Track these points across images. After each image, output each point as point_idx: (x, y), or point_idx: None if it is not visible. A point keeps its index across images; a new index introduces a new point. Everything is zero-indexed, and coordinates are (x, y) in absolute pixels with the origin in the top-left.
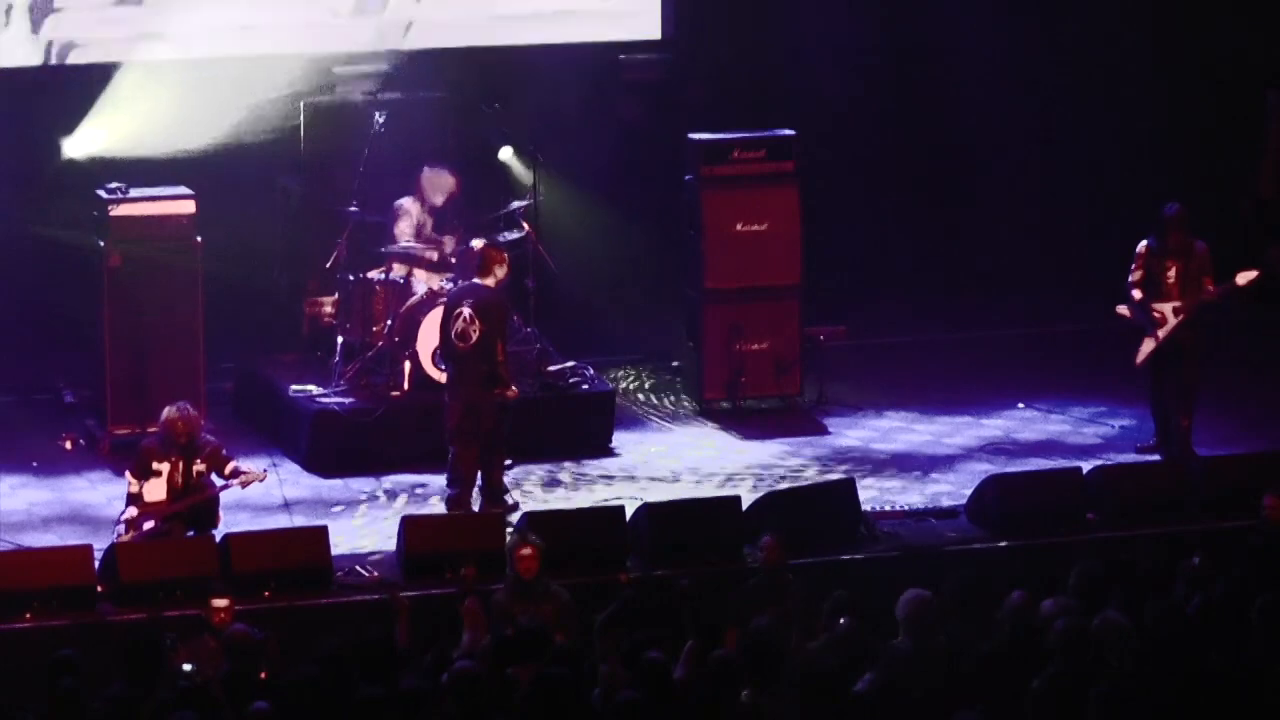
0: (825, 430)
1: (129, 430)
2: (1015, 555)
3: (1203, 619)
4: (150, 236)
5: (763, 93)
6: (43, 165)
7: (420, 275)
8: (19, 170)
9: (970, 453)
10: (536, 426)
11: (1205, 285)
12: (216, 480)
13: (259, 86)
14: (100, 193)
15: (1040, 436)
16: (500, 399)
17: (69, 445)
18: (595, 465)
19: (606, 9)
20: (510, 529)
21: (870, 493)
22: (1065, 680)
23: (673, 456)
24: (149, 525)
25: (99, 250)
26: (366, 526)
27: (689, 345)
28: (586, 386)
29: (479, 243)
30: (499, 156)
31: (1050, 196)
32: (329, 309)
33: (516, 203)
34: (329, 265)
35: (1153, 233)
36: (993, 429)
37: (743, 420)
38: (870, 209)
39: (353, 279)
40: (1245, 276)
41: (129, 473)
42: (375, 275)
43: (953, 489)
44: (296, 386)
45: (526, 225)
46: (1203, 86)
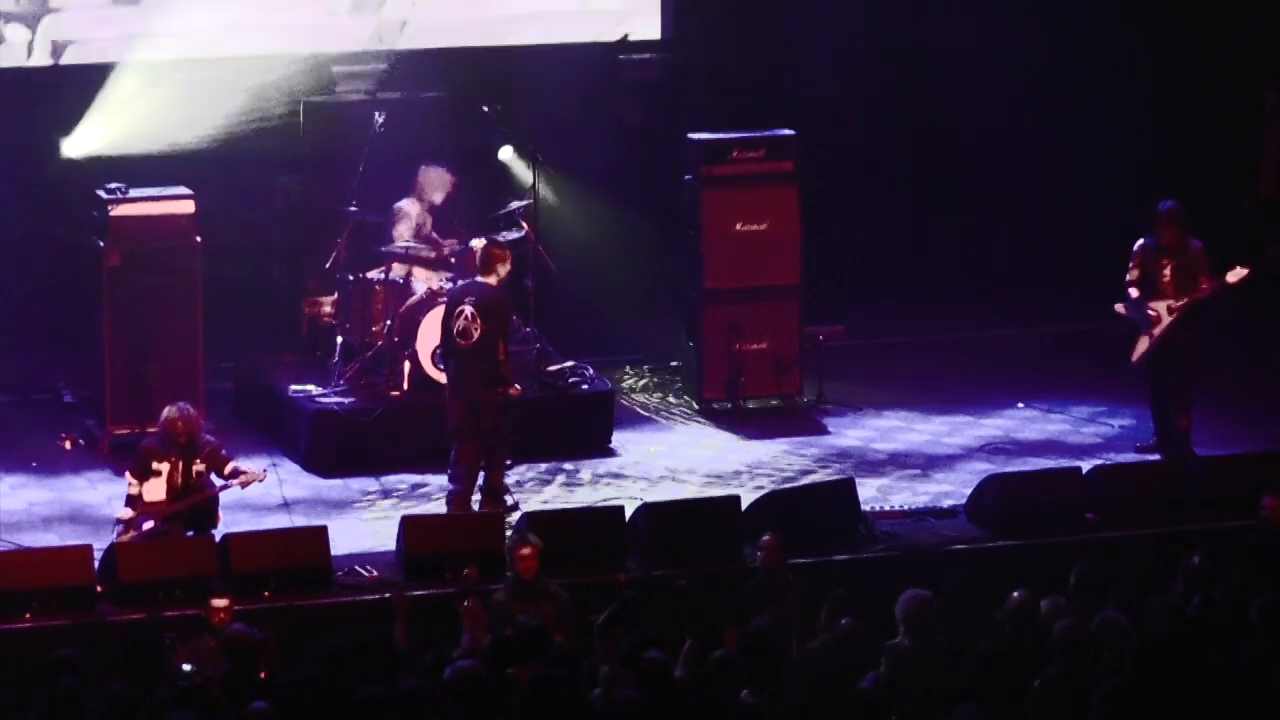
0: (825, 430)
1: (128, 430)
2: (1015, 555)
3: (1203, 619)
4: (150, 236)
5: (762, 93)
6: (42, 165)
7: (420, 275)
8: (19, 170)
9: (970, 452)
10: (536, 426)
11: (1201, 284)
12: (216, 480)
13: (258, 86)
14: (100, 193)
15: (1040, 436)
16: (502, 397)
17: (68, 445)
18: (595, 465)
19: (606, 9)
20: (510, 529)
21: (870, 493)
22: (1065, 680)
23: (672, 456)
24: (148, 525)
25: (98, 250)
26: (366, 526)
27: (688, 345)
28: (586, 386)
29: (479, 242)
30: (499, 156)
31: (1050, 196)
32: (328, 309)
33: (516, 202)
34: (328, 265)
35: (1149, 231)
36: (992, 429)
37: (742, 420)
38: (870, 209)
39: (352, 279)
40: (1236, 274)
41: (129, 473)
42: (375, 275)
43: (952, 489)
44: (296, 386)
45: (526, 225)
46: (1203, 86)
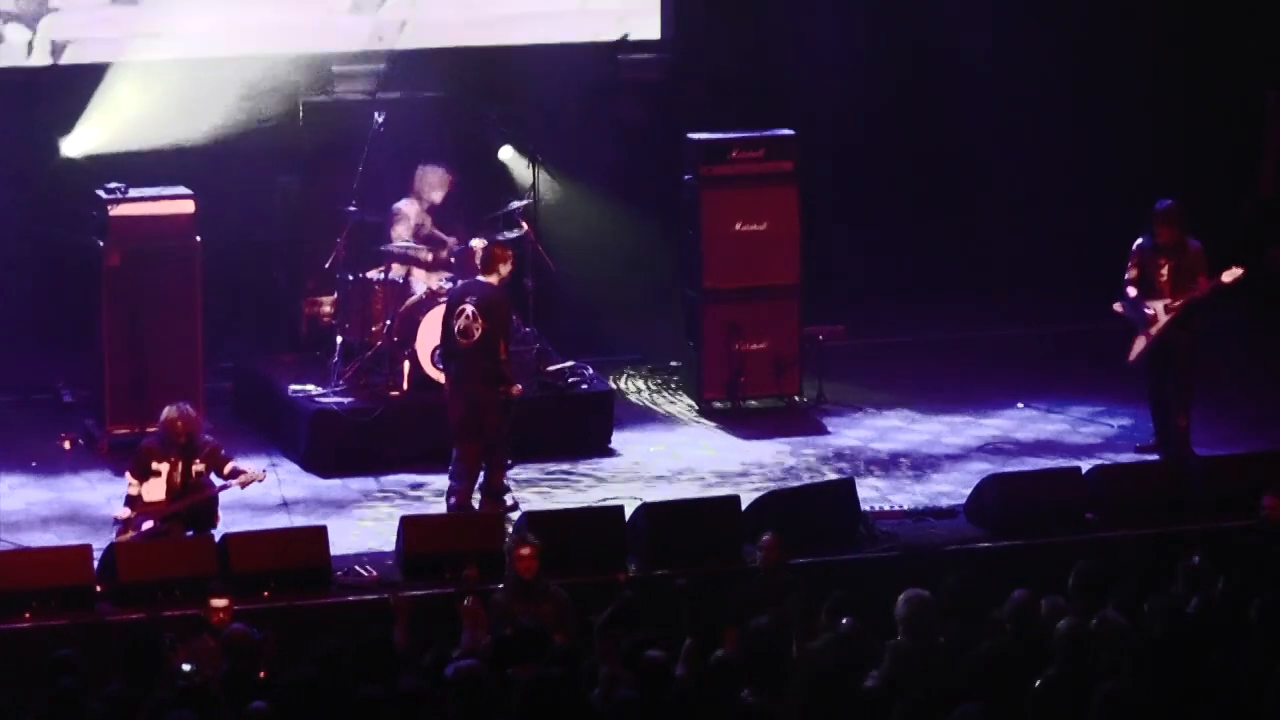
0: (824, 430)
1: (128, 430)
2: (1015, 555)
3: (1202, 619)
4: (149, 236)
5: (762, 93)
6: (42, 165)
7: (419, 275)
8: (18, 170)
9: (969, 452)
10: (536, 426)
11: (1199, 283)
12: (216, 480)
13: (258, 86)
14: (99, 193)
15: (1039, 436)
16: (504, 396)
17: (68, 445)
18: (595, 465)
19: (606, 9)
20: (510, 529)
21: (870, 492)
22: (1065, 680)
23: (672, 456)
24: (148, 525)
25: (98, 250)
26: (366, 527)
27: (688, 345)
28: (586, 386)
29: (479, 242)
30: (499, 156)
31: (1050, 196)
32: (328, 309)
33: (515, 202)
34: (328, 265)
35: (1148, 230)
36: (992, 429)
37: (742, 420)
38: (870, 209)
39: (352, 279)
40: (1231, 274)
41: (128, 473)
42: (374, 275)
43: (952, 489)
44: (296, 386)
45: (525, 225)
46: (1203, 86)
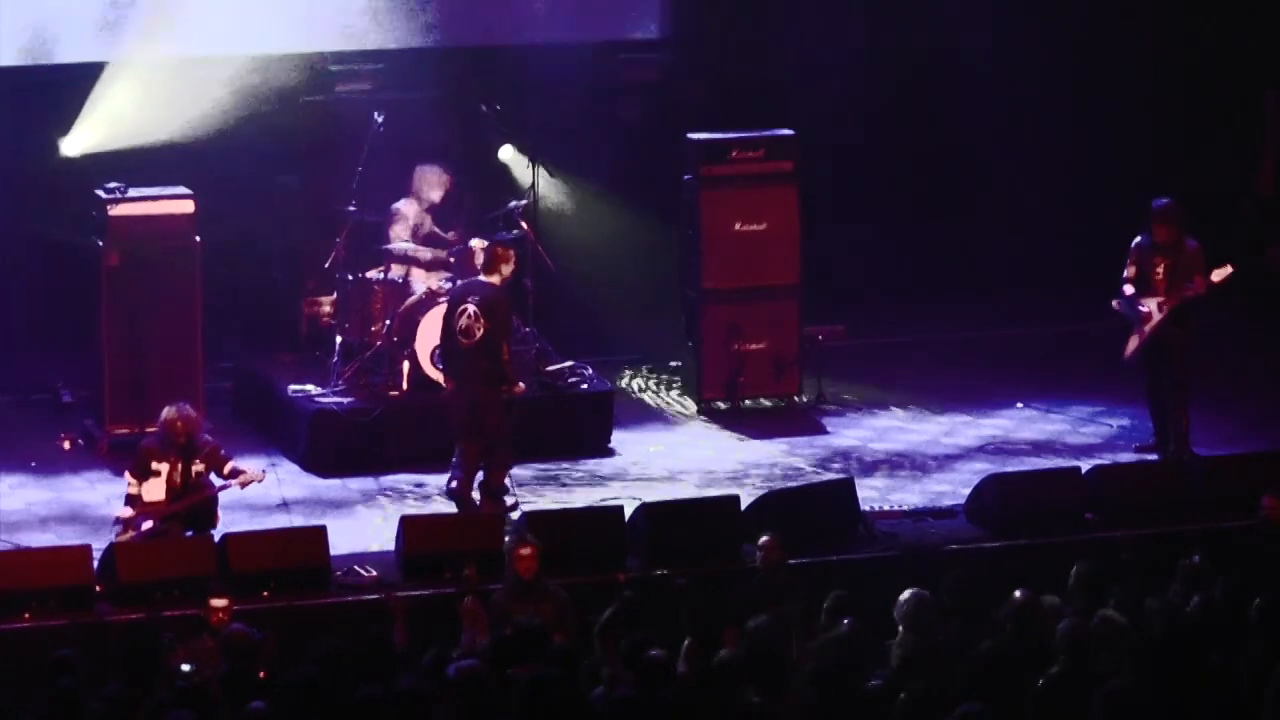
0: (824, 430)
1: (127, 430)
2: (1014, 555)
3: (1202, 619)
4: (149, 236)
5: (762, 93)
6: (41, 165)
7: (419, 275)
8: (17, 170)
9: (969, 452)
10: (536, 426)
11: (1194, 282)
12: (215, 480)
13: (258, 86)
14: (99, 192)
15: (1039, 436)
16: (506, 396)
17: (67, 445)
18: (595, 465)
19: (606, 8)
20: (510, 529)
21: (869, 492)
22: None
23: (672, 456)
24: (147, 525)
25: (97, 250)
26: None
27: (688, 345)
28: (585, 386)
29: (478, 242)
30: (499, 156)
31: (1050, 196)
32: (328, 309)
33: (515, 202)
34: (328, 265)
35: (1146, 228)
36: (992, 428)
37: (742, 420)
38: (870, 209)
39: (351, 279)
40: (1221, 272)
41: (128, 473)
42: (374, 275)
43: (952, 488)
44: (295, 386)
45: (525, 225)
46: (1203, 86)
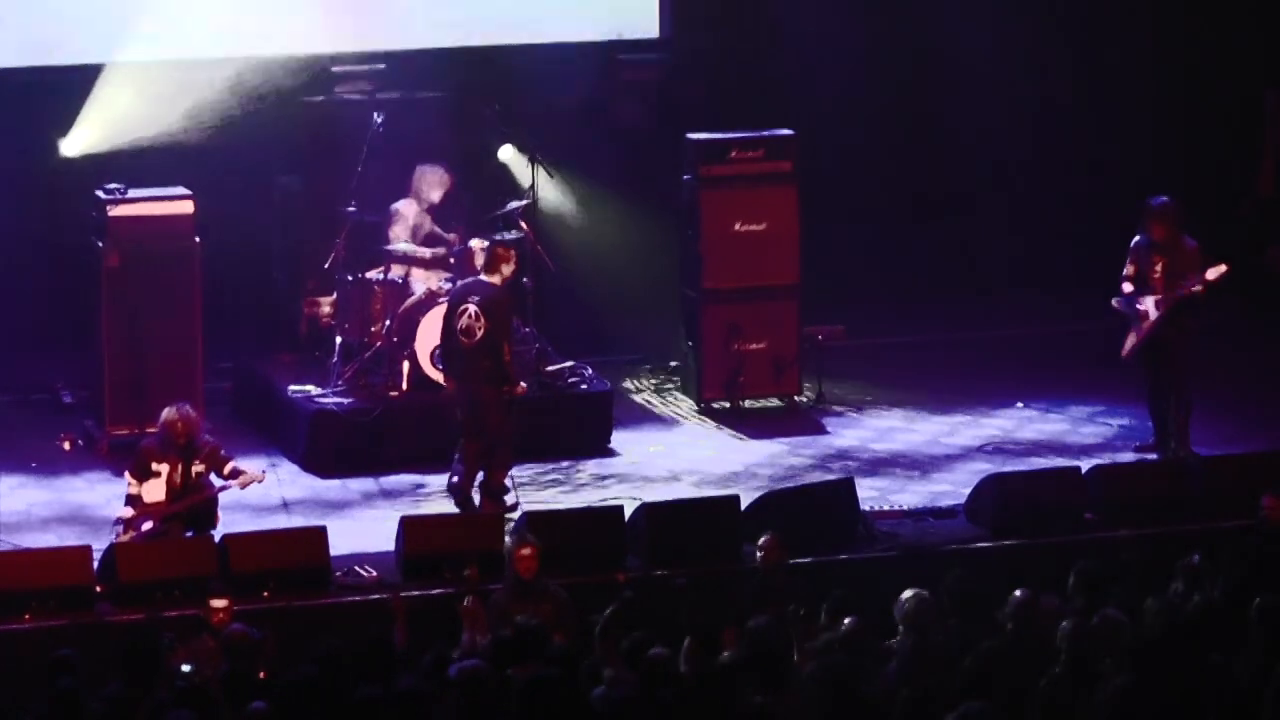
0: (824, 430)
1: (127, 430)
2: (1014, 555)
3: (1202, 619)
4: (149, 237)
5: (762, 93)
6: (41, 165)
7: (418, 275)
8: (18, 170)
9: (969, 452)
10: (536, 426)
11: (1190, 280)
12: (215, 481)
13: (257, 86)
14: (99, 193)
15: (1039, 436)
16: (507, 395)
17: (67, 445)
18: (595, 465)
19: (605, 8)
20: (510, 529)
21: (869, 492)
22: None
23: (672, 456)
24: (147, 525)
25: (97, 250)
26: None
27: (688, 345)
28: (585, 386)
29: (478, 242)
30: (499, 156)
31: (1049, 196)
32: (327, 309)
33: (514, 202)
34: (327, 265)
35: (1144, 227)
36: (992, 429)
37: (741, 420)
38: (870, 209)
39: (351, 279)
40: (1215, 271)
41: (128, 473)
42: (374, 275)
43: (952, 488)
44: (295, 386)
45: (524, 225)
46: (1203, 86)
